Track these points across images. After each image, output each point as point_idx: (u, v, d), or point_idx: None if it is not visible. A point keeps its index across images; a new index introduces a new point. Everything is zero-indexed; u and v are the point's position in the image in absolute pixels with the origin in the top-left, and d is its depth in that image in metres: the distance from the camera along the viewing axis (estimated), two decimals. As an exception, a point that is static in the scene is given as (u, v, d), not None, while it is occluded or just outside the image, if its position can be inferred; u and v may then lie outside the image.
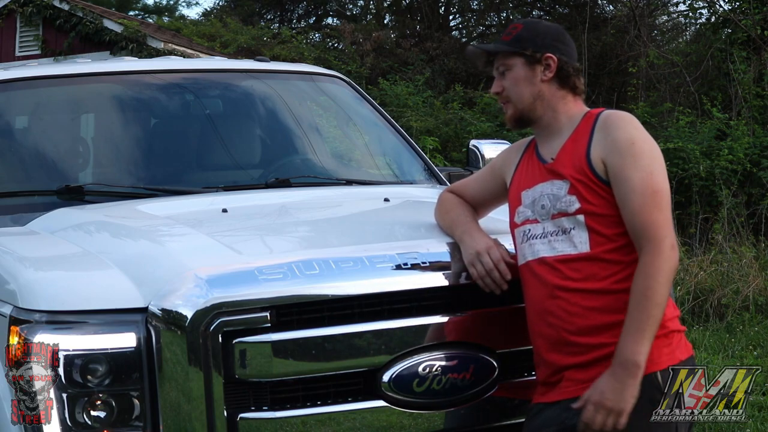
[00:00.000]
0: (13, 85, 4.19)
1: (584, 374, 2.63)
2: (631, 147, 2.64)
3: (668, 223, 2.62)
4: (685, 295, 8.05)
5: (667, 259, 2.56)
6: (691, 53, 14.47)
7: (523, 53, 2.78)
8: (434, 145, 12.33)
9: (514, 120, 2.84)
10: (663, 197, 2.62)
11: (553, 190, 2.72)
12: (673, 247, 2.59)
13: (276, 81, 4.62)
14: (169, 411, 2.60)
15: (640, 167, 2.62)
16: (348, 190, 4.05)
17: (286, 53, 16.15)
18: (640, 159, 2.63)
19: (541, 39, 2.80)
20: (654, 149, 2.68)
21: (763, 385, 5.72)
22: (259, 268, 2.68)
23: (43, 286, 2.76)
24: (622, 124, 2.69)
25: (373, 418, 2.73)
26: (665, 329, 2.64)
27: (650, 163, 2.64)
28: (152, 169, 4.04)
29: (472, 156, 4.45)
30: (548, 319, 2.68)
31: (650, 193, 2.60)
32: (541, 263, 2.70)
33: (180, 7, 34.34)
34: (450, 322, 2.80)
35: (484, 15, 21.53)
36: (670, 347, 2.65)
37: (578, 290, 2.64)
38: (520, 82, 2.79)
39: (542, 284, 2.70)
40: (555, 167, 2.74)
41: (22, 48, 17.01)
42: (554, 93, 2.79)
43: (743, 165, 10.88)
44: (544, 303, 2.69)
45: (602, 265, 2.63)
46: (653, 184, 2.62)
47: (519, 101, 2.80)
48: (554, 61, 2.79)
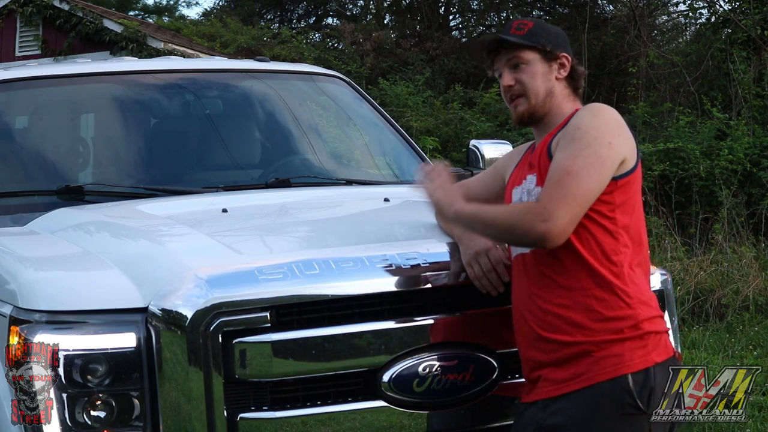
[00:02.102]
0: (13, 85, 4.19)
1: (559, 374, 2.61)
2: (575, 131, 2.61)
3: (563, 202, 2.50)
4: (685, 295, 8.05)
5: (531, 221, 2.50)
6: (691, 53, 14.48)
7: (543, 49, 2.77)
8: (434, 145, 12.33)
9: (526, 115, 2.78)
10: (572, 179, 2.52)
11: (528, 185, 2.73)
12: (549, 225, 2.48)
13: (276, 81, 4.63)
14: (169, 411, 2.60)
15: (570, 149, 2.58)
16: (348, 190, 4.05)
17: (286, 53, 16.16)
18: (575, 142, 2.59)
19: (554, 38, 2.81)
20: (599, 137, 2.57)
21: (763, 385, 5.73)
22: (259, 268, 2.68)
23: (43, 286, 2.77)
24: (583, 113, 2.68)
25: (373, 418, 2.73)
26: (640, 330, 2.60)
27: (581, 148, 2.56)
28: (152, 169, 4.04)
29: (472, 156, 4.45)
30: (525, 315, 2.68)
31: (562, 169, 2.54)
32: (522, 258, 2.70)
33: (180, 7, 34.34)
34: (450, 322, 2.80)
35: (484, 15, 21.54)
36: (645, 349, 2.60)
37: (551, 286, 2.62)
38: (537, 77, 2.77)
39: (521, 280, 2.71)
40: (531, 160, 2.76)
41: (22, 48, 17.01)
42: (562, 91, 2.80)
43: (743, 165, 10.88)
44: (523, 299, 2.70)
45: (575, 260, 2.60)
46: (570, 165, 2.54)
47: (535, 96, 2.76)
48: (568, 60, 2.80)
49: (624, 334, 2.59)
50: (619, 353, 2.58)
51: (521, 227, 2.55)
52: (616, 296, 2.60)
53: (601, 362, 2.58)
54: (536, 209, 2.54)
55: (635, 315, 2.60)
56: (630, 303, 2.60)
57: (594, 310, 2.59)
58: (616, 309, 2.59)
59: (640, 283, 2.66)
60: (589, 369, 2.58)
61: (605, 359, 2.57)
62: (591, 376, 2.58)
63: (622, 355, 2.57)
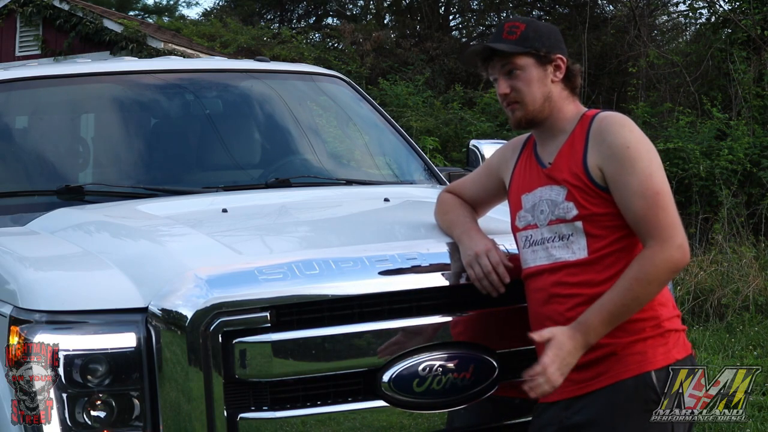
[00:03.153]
0: (13, 85, 4.19)
1: (581, 375, 2.62)
2: (627, 151, 2.60)
3: (675, 222, 2.58)
4: (685, 295, 8.05)
5: (668, 258, 2.54)
6: (691, 53, 14.47)
7: (536, 53, 2.73)
8: (434, 145, 12.32)
9: (524, 122, 2.76)
10: (665, 197, 2.60)
11: (551, 195, 2.70)
12: (681, 246, 2.56)
13: (276, 81, 4.62)
14: (169, 411, 2.60)
15: (638, 171, 2.59)
16: (348, 190, 4.05)
17: (286, 53, 16.15)
18: (636, 162, 2.59)
19: (547, 39, 2.75)
20: (650, 151, 2.64)
21: (763, 385, 5.73)
22: (259, 268, 2.68)
23: (43, 286, 2.76)
24: (615, 129, 2.65)
25: (373, 418, 2.73)
26: (661, 329, 2.64)
27: (648, 166, 2.60)
28: (152, 169, 4.04)
29: (472, 156, 4.44)
30: (545, 323, 2.67)
31: (652, 194, 2.58)
32: (541, 269, 2.70)
33: (180, 7, 34.33)
34: (450, 322, 2.80)
35: (484, 15, 21.54)
36: (666, 347, 2.64)
37: (574, 295, 2.63)
38: (533, 83, 2.73)
39: (540, 289, 2.70)
40: (552, 173, 2.72)
41: (22, 48, 17.01)
42: (560, 93, 2.76)
43: (743, 165, 10.88)
44: (542, 308, 2.70)
45: (598, 270, 2.62)
46: (653, 186, 2.59)
47: (532, 103, 2.73)
48: (563, 61, 2.76)
49: (646, 333, 2.62)
50: (641, 351, 2.61)
51: (667, 273, 2.56)
52: None
53: (624, 360, 2.60)
54: (665, 247, 2.54)
55: (656, 315, 2.64)
56: (651, 305, 2.62)
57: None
58: (639, 311, 2.60)
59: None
60: (612, 367, 2.61)
61: (628, 357, 2.60)
62: (615, 374, 2.60)
63: (645, 353, 2.60)
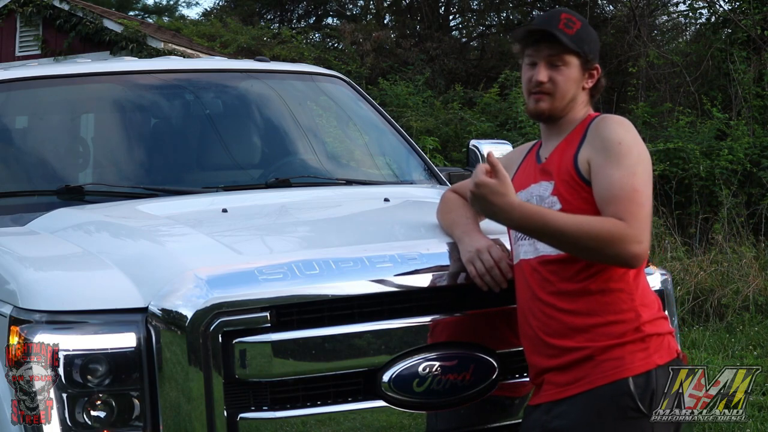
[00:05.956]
0: (13, 85, 4.19)
1: (563, 377, 2.62)
2: (617, 146, 2.60)
3: (646, 223, 2.55)
4: (685, 295, 8.05)
5: (627, 240, 2.49)
6: (691, 53, 14.47)
7: (584, 57, 2.74)
8: (434, 145, 12.32)
9: (547, 113, 2.75)
10: (642, 196, 2.56)
11: (539, 191, 2.71)
12: (642, 245, 2.51)
13: (276, 81, 4.62)
14: (169, 411, 2.60)
15: (624, 166, 2.58)
16: (348, 190, 4.05)
17: (286, 53, 16.15)
18: (624, 158, 2.59)
19: (594, 45, 2.78)
20: (641, 154, 2.62)
21: (763, 385, 5.73)
22: (259, 268, 2.68)
23: (43, 286, 2.76)
24: (612, 126, 2.67)
25: (373, 418, 2.73)
26: (641, 333, 2.61)
27: (634, 164, 2.59)
28: (152, 169, 4.04)
29: (472, 156, 4.44)
30: (529, 320, 2.68)
31: (630, 189, 2.55)
32: (526, 264, 2.70)
33: (180, 7, 34.31)
34: (450, 322, 2.80)
35: (484, 15, 21.54)
36: (646, 352, 2.60)
37: (555, 292, 2.63)
38: (570, 82, 2.74)
39: (526, 286, 2.70)
40: (546, 167, 2.74)
41: (22, 48, 17.02)
42: (583, 99, 2.79)
43: (743, 165, 10.88)
44: (527, 304, 2.70)
45: (579, 267, 2.61)
46: (634, 183, 2.56)
47: (562, 99, 2.74)
48: (598, 72, 2.79)
49: (625, 338, 2.59)
50: (619, 356, 2.58)
51: (613, 247, 2.51)
52: (619, 300, 2.61)
53: (600, 366, 2.58)
54: (630, 232, 2.51)
55: (637, 318, 2.61)
56: (632, 306, 2.61)
57: (597, 314, 2.59)
58: (618, 313, 2.60)
59: (641, 286, 2.67)
60: (589, 373, 2.59)
61: (605, 363, 2.58)
62: (592, 380, 2.59)
63: (623, 359, 2.57)
